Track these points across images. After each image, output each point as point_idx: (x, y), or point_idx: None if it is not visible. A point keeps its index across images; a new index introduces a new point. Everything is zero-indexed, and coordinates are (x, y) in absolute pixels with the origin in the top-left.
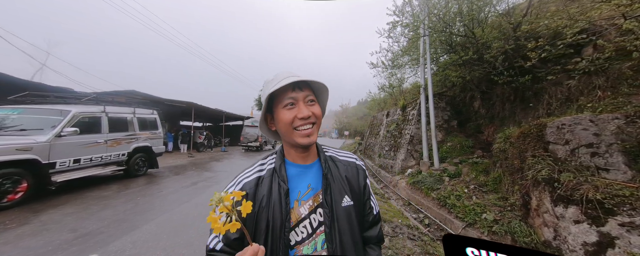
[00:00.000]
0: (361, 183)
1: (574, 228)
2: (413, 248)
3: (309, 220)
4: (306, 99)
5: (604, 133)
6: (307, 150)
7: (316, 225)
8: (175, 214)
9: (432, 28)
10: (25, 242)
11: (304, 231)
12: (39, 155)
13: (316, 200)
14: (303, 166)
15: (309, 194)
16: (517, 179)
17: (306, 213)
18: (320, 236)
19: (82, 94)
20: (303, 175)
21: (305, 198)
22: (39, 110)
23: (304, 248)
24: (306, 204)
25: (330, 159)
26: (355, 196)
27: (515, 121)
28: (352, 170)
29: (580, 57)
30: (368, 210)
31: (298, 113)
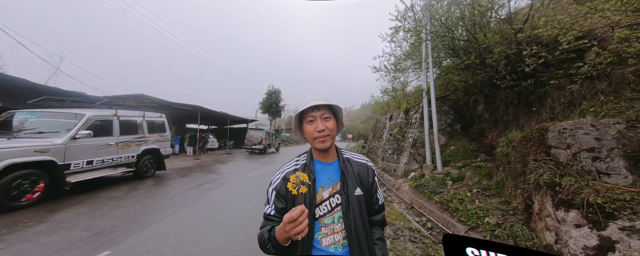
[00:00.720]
0: (370, 179)
1: (575, 232)
2: (414, 251)
3: (328, 201)
4: (322, 117)
5: (605, 138)
6: (326, 152)
7: (334, 206)
8: (183, 215)
9: (434, 33)
10: (42, 239)
11: (325, 209)
12: (56, 156)
13: (334, 188)
14: (325, 163)
15: (330, 184)
16: (520, 183)
17: (327, 196)
18: (337, 214)
19: (95, 98)
20: (325, 170)
21: (327, 186)
22: (56, 113)
23: (325, 220)
24: (327, 190)
25: (347, 160)
26: (364, 188)
27: (518, 125)
28: (363, 169)
29: (582, 62)
30: (374, 201)
31: (316, 127)
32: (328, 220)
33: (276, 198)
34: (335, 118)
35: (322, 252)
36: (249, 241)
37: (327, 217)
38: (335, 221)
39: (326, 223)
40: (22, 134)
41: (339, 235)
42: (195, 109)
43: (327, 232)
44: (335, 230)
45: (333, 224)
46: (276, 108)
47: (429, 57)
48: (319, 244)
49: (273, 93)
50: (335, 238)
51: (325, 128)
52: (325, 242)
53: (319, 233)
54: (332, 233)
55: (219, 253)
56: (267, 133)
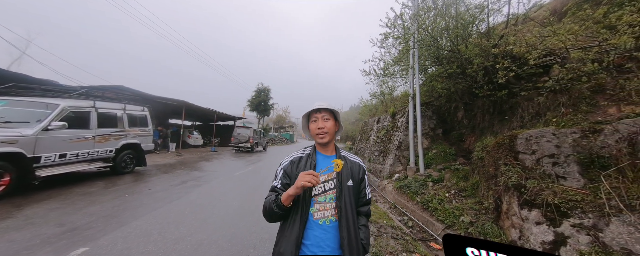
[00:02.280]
0: (360, 176)
1: (536, 228)
2: (395, 246)
3: (323, 184)
4: (323, 118)
5: (563, 145)
6: (326, 146)
7: (327, 188)
8: (165, 212)
9: (421, 41)
10: (9, 235)
11: (319, 189)
12: (24, 148)
13: (330, 176)
14: (325, 155)
15: (327, 172)
16: (492, 185)
17: (323, 180)
18: (329, 195)
19: (70, 88)
20: (325, 160)
21: (324, 173)
22: (25, 102)
23: (319, 198)
24: (324, 176)
25: (344, 157)
26: (355, 181)
27: (493, 132)
28: (356, 166)
29: (548, 77)
30: (363, 195)
31: (317, 126)
32: (321, 198)
33: (283, 176)
34: (334, 120)
35: (314, 223)
36: (235, 239)
37: (321, 196)
38: (327, 200)
39: (319, 201)
40: None
41: (329, 212)
42: (179, 104)
43: (319, 208)
44: (326, 207)
45: (325, 202)
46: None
47: (415, 64)
48: (311, 216)
49: (262, 91)
50: (325, 213)
51: (324, 126)
52: (317, 215)
53: (312, 207)
54: (323, 209)
55: (204, 249)
56: (255, 131)
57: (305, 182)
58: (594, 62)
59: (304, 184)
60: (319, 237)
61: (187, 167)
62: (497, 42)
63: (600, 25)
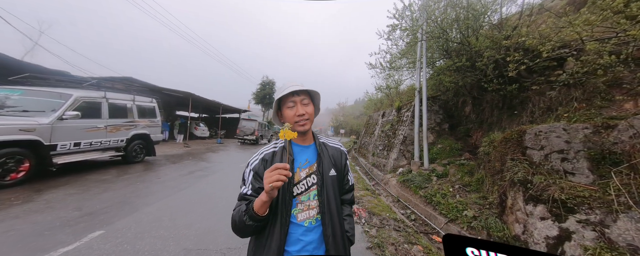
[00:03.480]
0: (343, 162)
1: (540, 224)
2: (397, 238)
3: (305, 181)
4: (302, 102)
5: (573, 141)
6: (304, 135)
7: (309, 185)
8: (175, 199)
9: (429, 33)
10: (32, 217)
11: (301, 187)
12: (41, 136)
13: (311, 169)
14: (303, 146)
15: (307, 165)
16: (497, 180)
17: (304, 176)
18: (312, 192)
19: (82, 79)
20: (303, 152)
21: (304, 167)
22: (41, 92)
23: (302, 197)
24: (304, 170)
25: (323, 145)
26: (337, 170)
27: (501, 127)
28: (337, 153)
29: (562, 70)
30: (346, 182)
31: (296, 112)
32: (304, 197)
33: (254, 179)
34: (312, 104)
35: (298, 226)
36: None
37: (304, 195)
38: (310, 198)
39: (302, 201)
40: (4, 112)
41: (314, 211)
42: (186, 96)
43: (303, 208)
44: (310, 206)
45: (309, 201)
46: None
47: (423, 56)
48: (294, 219)
49: (267, 84)
50: (309, 213)
51: (305, 112)
52: (301, 217)
53: (295, 208)
54: (307, 209)
55: (214, 235)
56: (260, 124)
57: (274, 182)
58: (611, 55)
59: (273, 185)
60: (303, 241)
61: (195, 157)
62: (510, 34)
63: (621, 15)
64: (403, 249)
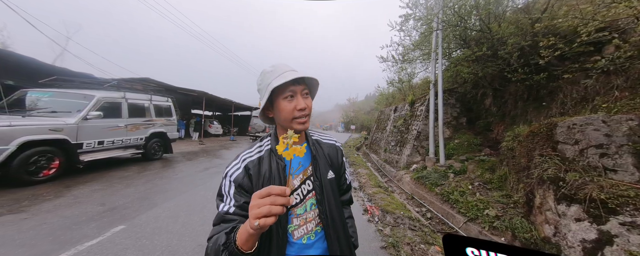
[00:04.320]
0: (340, 160)
1: (575, 225)
2: (413, 238)
3: (300, 189)
4: (303, 92)
5: (615, 134)
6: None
7: (306, 193)
8: (191, 195)
9: (446, 22)
10: (62, 211)
11: (297, 198)
12: (69, 135)
13: (305, 173)
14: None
15: (300, 169)
16: (523, 177)
17: (298, 184)
18: (309, 201)
19: (103, 80)
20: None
21: (297, 172)
22: (67, 94)
23: (298, 210)
24: (298, 177)
25: (316, 142)
26: (335, 170)
27: (526, 120)
28: (333, 150)
29: (600, 56)
30: (343, 181)
31: (297, 105)
32: (300, 209)
33: (237, 192)
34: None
35: (293, 245)
36: None
37: (299, 207)
38: (307, 209)
39: (298, 214)
40: (35, 113)
41: (312, 224)
42: (200, 95)
43: (300, 223)
44: (307, 219)
45: (306, 213)
46: None
47: (438, 47)
48: (290, 237)
49: None
50: (307, 227)
51: (307, 106)
52: (298, 234)
53: (290, 225)
54: (304, 223)
55: None
56: None
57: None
58: None
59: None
60: None
61: (209, 154)
62: (540, 16)
63: None
64: (420, 249)
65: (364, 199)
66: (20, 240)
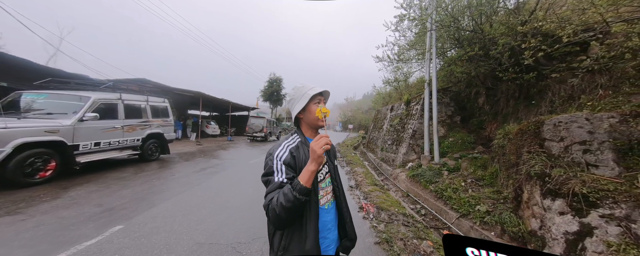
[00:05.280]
0: (335, 153)
1: (559, 218)
2: (407, 233)
3: (322, 170)
4: (324, 100)
5: (597, 131)
6: (316, 131)
7: (325, 173)
8: (188, 196)
9: (439, 22)
10: (59, 213)
11: (321, 176)
12: (65, 137)
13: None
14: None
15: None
16: (512, 174)
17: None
18: (327, 179)
19: (98, 81)
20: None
21: None
22: (63, 95)
23: (322, 184)
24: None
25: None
26: (336, 159)
27: (517, 118)
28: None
29: (585, 55)
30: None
31: (322, 108)
32: (324, 184)
33: (287, 169)
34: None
35: (321, 208)
36: (250, 221)
37: (323, 182)
38: (327, 184)
39: (322, 187)
40: (31, 114)
41: (329, 195)
42: (196, 95)
43: (323, 194)
44: (327, 191)
45: (326, 187)
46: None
47: (432, 47)
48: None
49: (274, 81)
50: (327, 197)
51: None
52: (322, 201)
53: (319, 195)
54: (326, 194)
55: (224, 230)
56: (268, 121)
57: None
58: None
59: (325, 148)
60: (324, 221)
61: (206, 155)
62: (527, 19)
63: None
64: (412, 244)
65: (360, 197)
66: (18, 241)
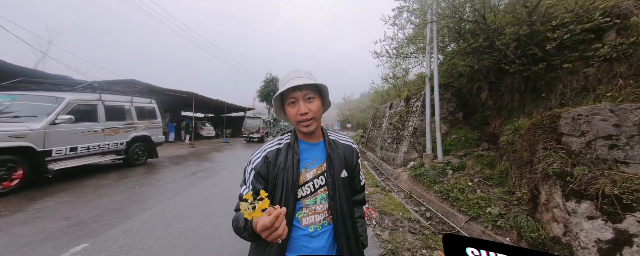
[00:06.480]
0: (354, 161)
1: (587, 224)
2: (414, 242)
3: (312, 183)
4: (305, 97)
5: (625, 125)
6: (311, 134)
7: (317, 187)
8: (172, 204)
9: (440, 13)
10: (16, 230)
11: (307, 190)
12: (34, 142)
13: (319, 169)
14: (310, 143)
15: (314, 165)
16: (526, 172)
17: (310, 177)
18: (320, 195)
19: (77, 82)
20: (310, 150)
21: (311, 167)
22: (33, 96)
23: (307, 201)
24: (311, 171)
25: (333, 142)
26: (349, 170)
27: (524, 112)
28: (348, 151)
29: (601, 43)
30: (357, 182)
31: (298, 110)
32: (310, 201)
33: (255, 179)
34: (320, 98)
35: (301, 230)
36: None
37: (309, 198)
38: (317, 202)
39: (308, 204)
40: None
41: (320, 216)
42: (189, 96)
43: (308, 212)
44: (316, 210)
45: (315, 205)
46: None
47: (433, 40)
48: (298, 223)
49: (271, 81)
50: (315, 218)
51: (309, 110)
52: (305, 221)
53: (299, 212)
54: (313, 213)
55: (207, 245)
56: (265, 121)
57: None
58: None
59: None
60: (309, 248)
61: (199, 158)
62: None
63: None
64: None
65: None
66: None
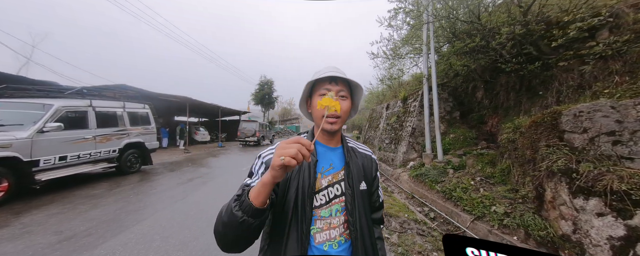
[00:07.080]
0: (373, 174)
1: (597, 221)
2: (424, 245)
3: (326, 191)
4: (339, 93)
5: (627, 120)
6: (332, 135)
7: (332, 197)
8: (169, 213)
9: (435, 14)
10: (2, 247)
11: (322, 199)
12: (20, 152)
13: (335, 177)
14: (328, 147)
15: (331, 171)
16: (529, 170)
17: (325, 185)
18: (335, 206)
19: (67, 88)
20: (327, 154)
21: (327, 173)
22: (19, 104)
23: (322, 212)
24: (327, 178)
25: (351, 150)
26: (368, 183)
27: (521, 111)
28: (368, 161)
29: (595, 41)
30: (375, 198)
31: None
32: (325, 212)
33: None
34: (351, 99)
35: (316, 249)
36: None
37: (324, 209)
38: (332, 214)
39: (322, 216)
40: None
41: (336, 231)
42: (183, 100)
43: (323, 227)
44: (332, 224)
45: (330, 218)
46: (269, 100)
47: (430, 40)
48: (312, 240)
49: (265, 84)
50: (330, 234)
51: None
52: (319, 238)
53: (313, 226)
54: (328, 228)
55: (212, 254)
56: (261, 125)
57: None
58: None
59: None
60: None
61: (194, 163)
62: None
63: None
64: None
65: None
66: None
